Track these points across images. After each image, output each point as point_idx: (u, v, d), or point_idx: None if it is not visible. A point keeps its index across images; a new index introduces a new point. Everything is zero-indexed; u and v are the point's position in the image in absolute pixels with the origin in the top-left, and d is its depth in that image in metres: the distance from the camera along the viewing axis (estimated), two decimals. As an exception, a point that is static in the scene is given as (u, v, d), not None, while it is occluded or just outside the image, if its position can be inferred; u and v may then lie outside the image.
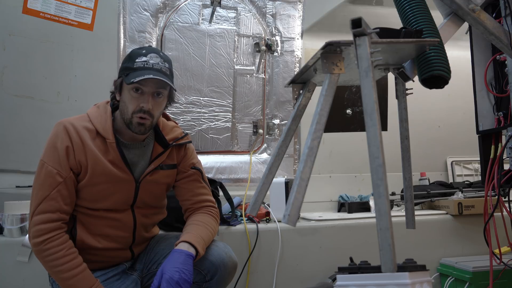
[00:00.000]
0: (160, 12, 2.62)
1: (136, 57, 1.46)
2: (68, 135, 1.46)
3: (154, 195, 1.63)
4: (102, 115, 1.51)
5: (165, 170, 1.61)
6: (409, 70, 1.39)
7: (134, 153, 1.56)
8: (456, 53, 1.98)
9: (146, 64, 1.44)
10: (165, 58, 1.50)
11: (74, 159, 1.45)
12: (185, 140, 1.66)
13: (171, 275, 1.36)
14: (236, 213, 2.26)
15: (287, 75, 2.84)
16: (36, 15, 2.31)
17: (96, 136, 1.48)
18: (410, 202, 1.49)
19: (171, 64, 1.53)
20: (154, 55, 1.47)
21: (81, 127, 1.48)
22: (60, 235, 1.42)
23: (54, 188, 1.43)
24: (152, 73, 1.43)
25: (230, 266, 1.57)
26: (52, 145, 1.46)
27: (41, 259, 1.42)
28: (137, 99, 1.46)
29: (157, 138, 1.61)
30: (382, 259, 0.94)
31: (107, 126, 1.49)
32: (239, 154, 2.77)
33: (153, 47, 1.55)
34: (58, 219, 1.43)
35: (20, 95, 2.31)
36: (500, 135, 1.72)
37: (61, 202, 1.43)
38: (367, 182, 2.87)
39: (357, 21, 1.03)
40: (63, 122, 1.48)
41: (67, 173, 1.45)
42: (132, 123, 1.47)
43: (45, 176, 1.44)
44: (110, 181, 1.49)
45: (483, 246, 1.77)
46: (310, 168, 1.08)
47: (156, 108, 1.49)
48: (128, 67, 1.46)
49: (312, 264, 2.21)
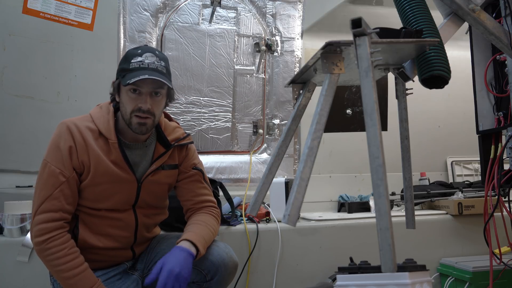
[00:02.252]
0: (160, 12, 2.62)
1: (132, 57, 1.46)
2: (71, 135, 1.46)
3: (156, 195, 1.63)
4: (104, 115, 1.52)
5: (166, 170, 1.61)
6: (409, 70, 1.39)
7: (136, 154, 1.56)
8: (456, 53, 1.98)
9: (142, 64, 1.44)
10: (161, 57, 1.50)
11: (77, 159, 1.46)
12: (187, 140, 1.67)
13: (172, 267, 1.37)
14: (236, 213, 2.26)
15: (287, 75, 2.84)
16: (36, 15, 2.31)
17: (99, 137, 1.49)
18: (410, 202, 1.49)
19: (167, 62, 1.53)
20: (149, 55, 1.46)
21: (84, 127, 1.48)
22: (62, 234, 1.42)
23: (57, 187, 1.43)
24: (148, 73, 1.42)
25: (230, 266, 1.57)
26: (55, 145, 1.46)
27: (43, 258, 1.42)
28: (135, 99, 1.46)
29: (159, 138, 1.62)
30: (382, 259, 0.94)
31: (109, 127, 1.49)
32: (239, 154, 2.77)
33: (148, 47, 1.54)
34: (60, 218, 1.43)
35: (20, 95, 2.31)
36: (500, 135, 1.72)
37: (63, 202, 1.44)
38: (367, 182, 2.87)
39: (357, 21, 1.03)
40: (66, 122, 1.49)
41: (70, 173, 1.45)
42: (132, 123, 1.47)
43: (48, 175, 1.44)
44: (112, 181, 1.50)
45: (483, 246, 1.77)
46: (310, 168, 1.08)
47: (155, 107, 1.49)
48: (124, 68, 1.46)
49: (312, 264, 2.21)
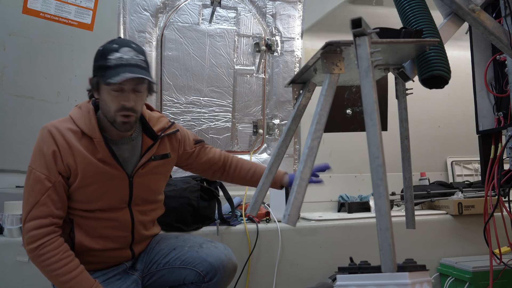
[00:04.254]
0: (160, 12, 2.62)
1: (109, 53, 1.39)
2: (53, 139, 1.43)
3: (150, 189, 1.60)
4: (85, 115, 1.48)
5: (157, 160, 1.58)
6: (409, 70, 1.39)
7: (124, 149, 1.53)
8: (456, 53, 1.98)
9: (121, 60, 1.38)
10: (138, 50, 1.44)
11: (62, 163, 1.43)
12: (173, 129, 1.63)
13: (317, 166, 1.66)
14: (236, 213, 2.26)
15: (287, 75, 2.84)
16: (36, 15, 2.31)
17: (82, 137, 1.45)
18: (410, 202, 1.49)
19: (145, 55, 1.47)
20: (127, 49, 1.40)
21: (66, 129, 1.45)
22: (54, 239, 1.40)
23: (43, 193, 1.41)
24: (129, 70, 1.37)
25: (229, 268, 1.57)
26: (38, 150, 1.43)
27: (38, 265, 1.41)
28: (117, 97, 1.41)
29: (145, 130, 1.58)
30: (382, 259, 0.94)
31: (92, 125, 1.46)
32: (239, 154, 2.76)
33: (123, 39, 1.48)
34: (51, 223, 1.41)
35: (20, 95, 2.31)
36: (500, 135, 1.72)
37: (52, 207, 1.41)
38: (367, 182, 2.87)
39: (357, 21, 1.03)
40: (47, 127, 1.45)
41: (55, 178, 1.42)
42: (116, 121, 1.44)
43: (34, 182, 1.42)
44: (102, 180, 1.47)
45: (483, 246, 1.77)
46: (310, 168, 1.08)
47: (138, 103, 1.45)
48: (102, 65, 1.39)
49: (312, 264, 2.21)
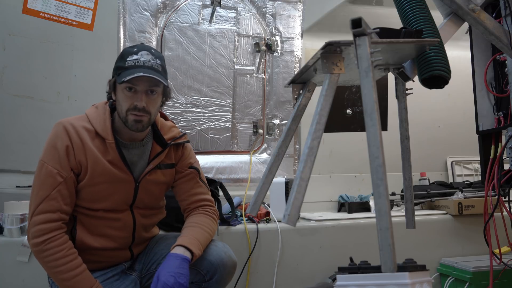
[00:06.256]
0: (160, 12, 2.62)
1: (128, 55, 1.46)
2: (68, 135, 1.45)
3: (153, 195, 1.62)
4: (100, 115, 1.51)
5: (163, 169, 1.61)
6: (409, 70, 1.39)
7: (133, 153, 1.56)
8: (456, 53, 1.98)
9: (137, 62, 1.44)
10: (156, 55, 1.49)
11: (74, 159, 1.45)
12: (183, 139, 1.66)
13: (166, 280, 1.36)
14: (236, 213, 2.26)
15: (287, 75, 2.84)
16: (36, 15, 2.31)
17: (95, 137, 1.48)
18: (410, 202, 1.49)
19: (163, 61, 1.52)
20: (145, 53, 1.46)
21: (81, 127, 1.48)
22: (60, 235, 1.41)
23: (54, 188, 1.42)
24: (143, 71, 1.42)
25: (229, 266, 1.57)
26: (52, 145, 1.46)
27: (41, 260, 1.41)
28: (130, 97, 1.45)
29: (155, 137, 1.61)
30: (382, 259, 0.94)
31: (106, 127, 1.49)
32: (239, 154, 2.77)
33: (145, 45, 1.54)
34: (58, 219, 1.42)
35: (20, 95, 2.31)
36: (500, 135, 1.72)
37: (61, 202, 1.43)
38: (367, 182, 2.87)
39: (357, 21, 1.03)
40: (63, 122, 1.48)
41: (67, 173, 1.44)
42: (128, 121, 1.47)
43: (45, 176, 1.43)
44: (109, 181, 1.49)
45: (483, 246, 1.77)
46: (310, 168, 1.08)
47: (151, 105, 1.48)
48: (120, 66, 1.46)
49: (312, 264, 2.21)
